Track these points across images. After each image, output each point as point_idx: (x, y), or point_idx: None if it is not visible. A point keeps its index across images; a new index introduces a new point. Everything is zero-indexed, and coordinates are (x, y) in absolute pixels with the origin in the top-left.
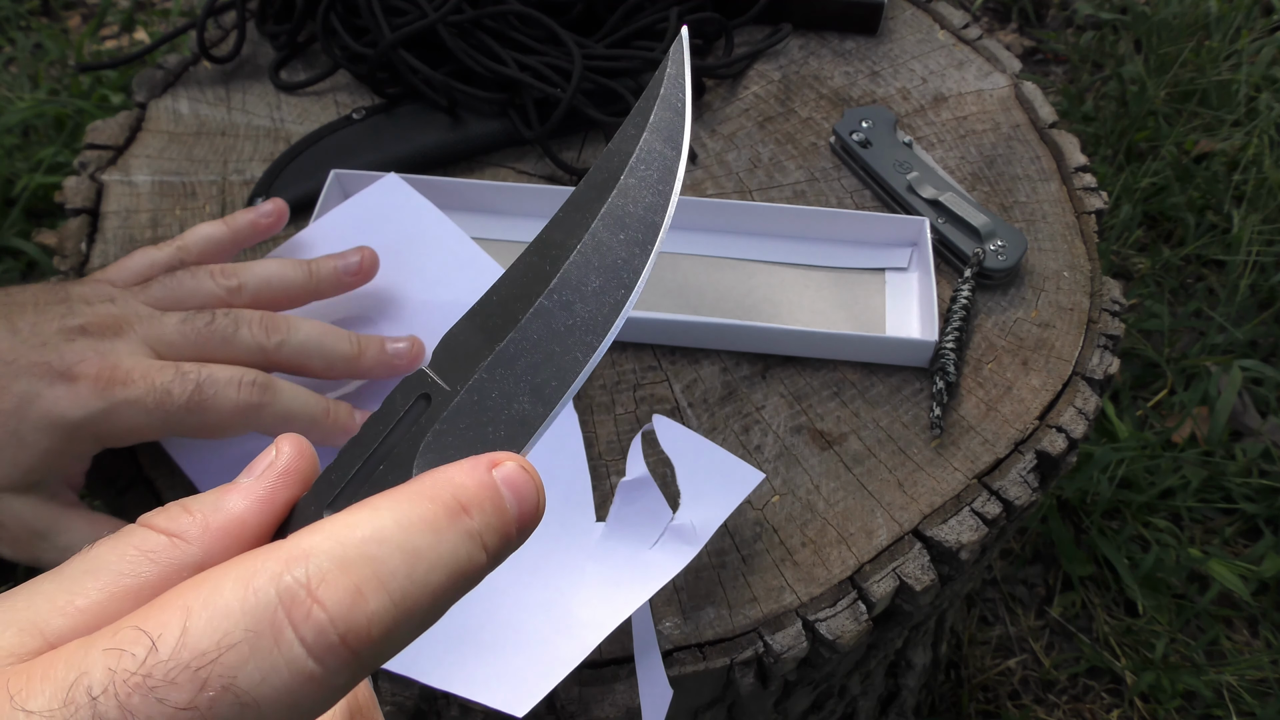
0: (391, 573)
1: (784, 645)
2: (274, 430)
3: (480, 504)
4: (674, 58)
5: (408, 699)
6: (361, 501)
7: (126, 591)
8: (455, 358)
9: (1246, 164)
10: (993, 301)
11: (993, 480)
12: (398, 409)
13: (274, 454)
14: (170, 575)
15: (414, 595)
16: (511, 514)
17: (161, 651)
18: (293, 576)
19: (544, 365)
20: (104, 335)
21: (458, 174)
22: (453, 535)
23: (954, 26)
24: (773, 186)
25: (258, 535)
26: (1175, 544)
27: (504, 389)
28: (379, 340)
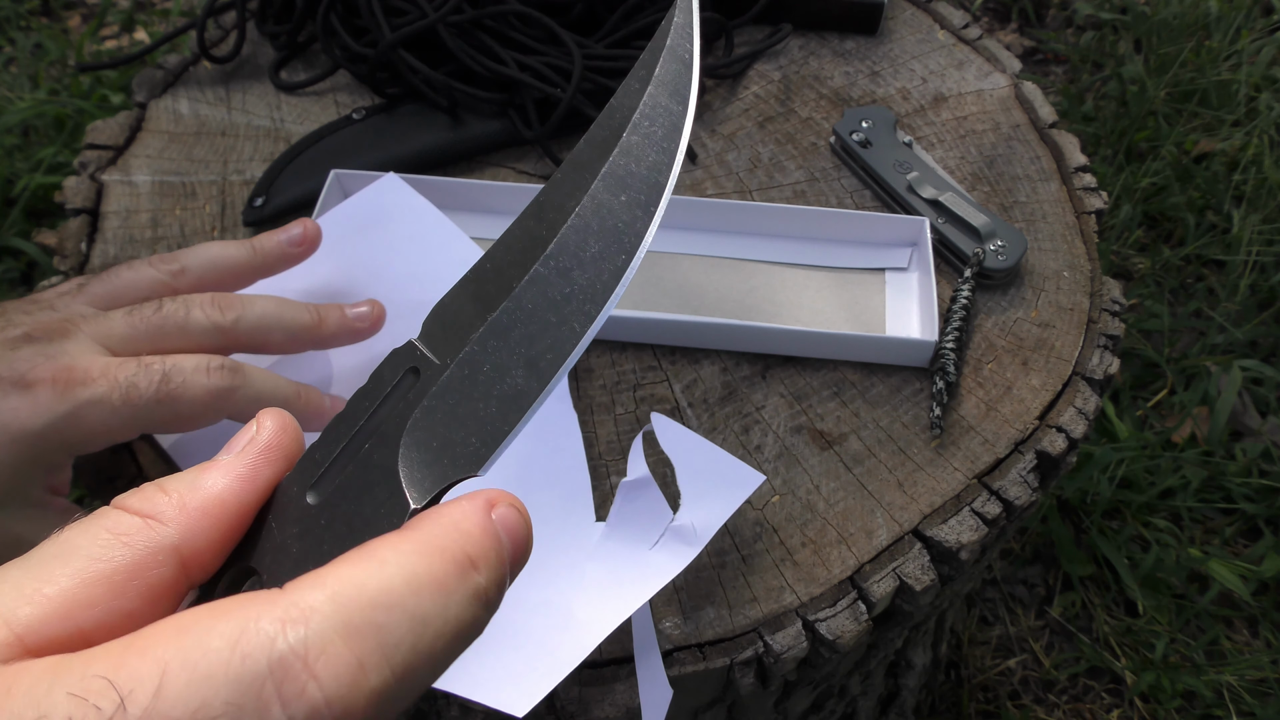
0: (397, 644)
1: (784, 645)
2: (247, 416)
3: (486, 557)
4: (681, 6)
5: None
6: (367, 548)
7: (98, 577)
8: (445, 329)
9: (1246, 164)
10: (993, 301)
11: (993, 480)
12: (385, 383)
13: (255, 429)
14: (145, 559)
15: (417, 666)
16: (508, 562)
17: (130, 713)
18: (288, 643)
19: (539, 337)
20: (51, 339)
21: (458, 174)
22: (461, 596)
23: (954, 26)
24: (773, 186)
25: (238, 515)
26: (1175, 544)
27: (496, 362)
28: (338, 307)
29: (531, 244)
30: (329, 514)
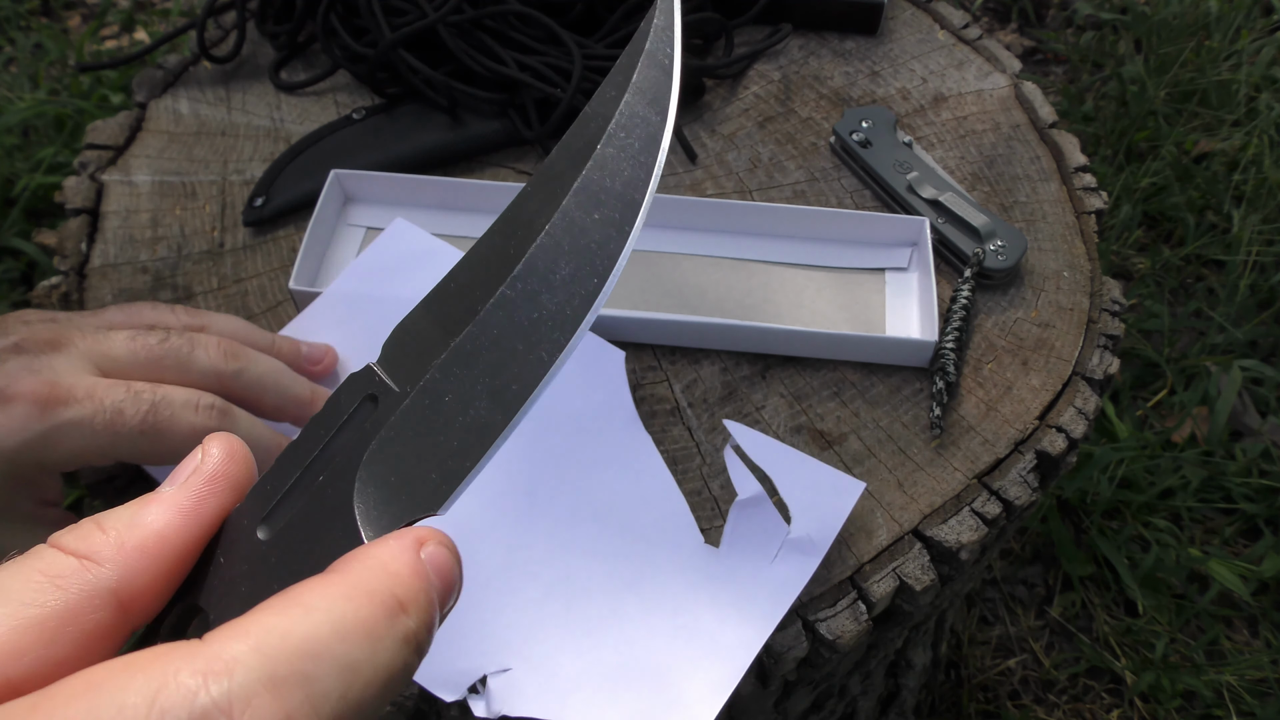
0: (325, 694)
1: (784, 645)
2: None
3: (416, 599)
4: (662, 7)
5: (407, 699)
6: (291, 593)
7: (29, 623)
8: (406, 354)
9: (1246, 164)
10: (993, 301)
11: (993, 480)
12: (342, 410)
13: (200, 456)
14: (80, 604)
15: (346, 716)
16: (437, 603)
17: None
18: (211, 697)
19: (505, 365)
20: (40, 352)
21: (458, 174)
22: (390, 642)
23: (954, 26)
24: (773, 186)
25: (181, 552)
26: (1175, 544)
27: (459, 391)
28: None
29: (499, 263)
30: (280, 550)
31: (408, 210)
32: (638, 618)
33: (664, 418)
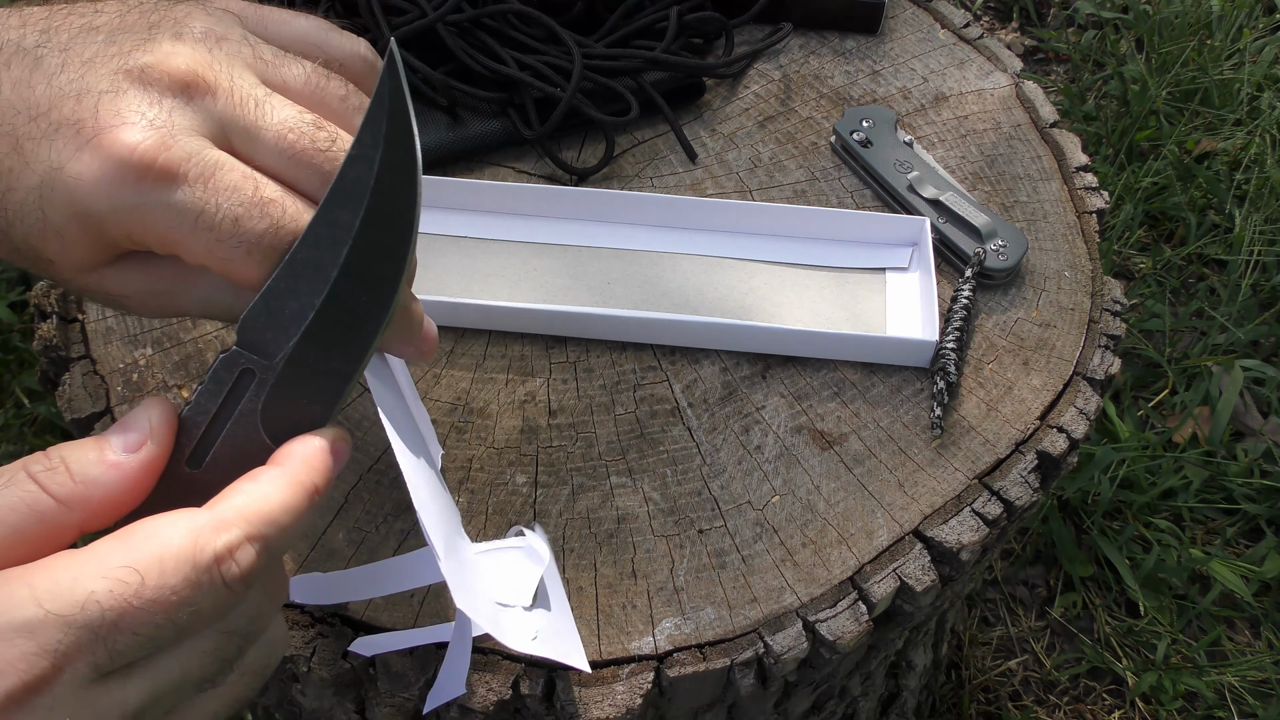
0: (277, 541)
1: (784, 646)
2: None
3: (325, 480)
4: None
5: (407, 699)
6: (253, 473)
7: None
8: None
9: (1248, 163)
10: (993, 301)
11: (993, 481)
12: (224, 383)
13: (148, 426)
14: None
15: (281, 549)
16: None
17: (147, 583)
18: (222, 541)
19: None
20: (167, 92)
21: (458, 174)
22: (308, 510)
23: (955, 26)
24: (773, 186)
25: (136, 499)
26: (1176, 544)
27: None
28: None
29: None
30: (209, 478)
31: None
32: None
33: (664, 418)
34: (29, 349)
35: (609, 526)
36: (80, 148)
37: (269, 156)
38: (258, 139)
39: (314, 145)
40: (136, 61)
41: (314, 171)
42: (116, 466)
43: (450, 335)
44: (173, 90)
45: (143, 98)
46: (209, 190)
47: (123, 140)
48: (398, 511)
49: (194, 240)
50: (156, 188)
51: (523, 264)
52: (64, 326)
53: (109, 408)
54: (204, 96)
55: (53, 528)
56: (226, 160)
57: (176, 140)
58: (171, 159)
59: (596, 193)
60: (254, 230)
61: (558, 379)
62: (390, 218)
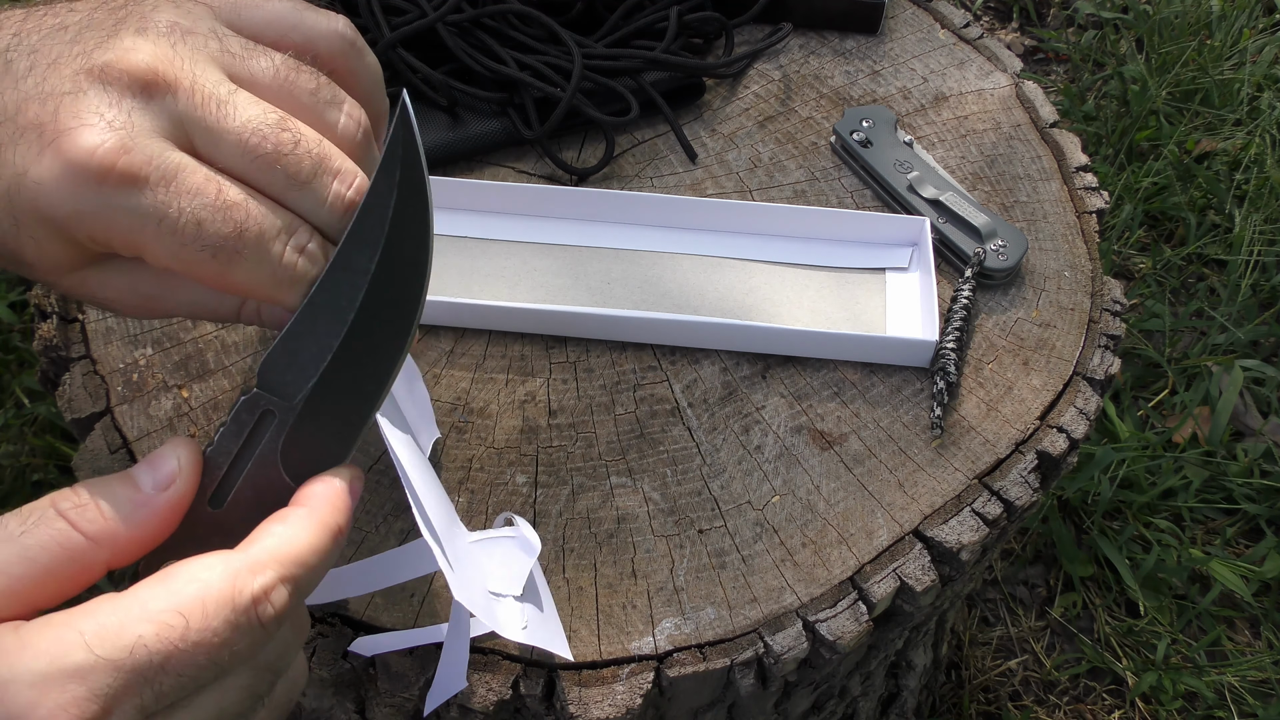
0: (305, 580)
1: (784, 646)
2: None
3: (347, 520)
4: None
5: (407, 699)
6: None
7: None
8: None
9: (1248, 163)
10: (993, 301)
11: (993, 480)
12: (245, 424)
13: (176, 465)
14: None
15: (310, 588)
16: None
17: (191, 626)
18: (258, 584)
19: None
20: (128, 92)
21: (458, 174)
22: (334, 550)
23: (955, 26)
24: (773, 186)
25: (161, 539)
26: (1176, 544)
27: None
28: None
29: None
30: (232, 518)
31: None
32: None
33: (664, 418)
34: (29, 349)
35: (609, 526)
36: (41, 151)
37: (232, 158)
38: (220, 140)
39: (277, 147)
40: (97, 60)
41: (277, 173)
42: (146, 504)
43: (450, 335)
44: (132, 90)
45: (102, 98)
46: (170, 194)
47: (81, 144)
48: (397, 511)
49: (157, 244)
50: (117, 191)
51: (523, 264)
52: (64, 326)
53: (109, 408)
54: (164, 95)
55: (82, 565)
56: (188, 163)
57: (136, 142)
58: (131, 163)
59: (596, 193)
60: (217, 234)
61: (558, 379)
62: (404, 262)
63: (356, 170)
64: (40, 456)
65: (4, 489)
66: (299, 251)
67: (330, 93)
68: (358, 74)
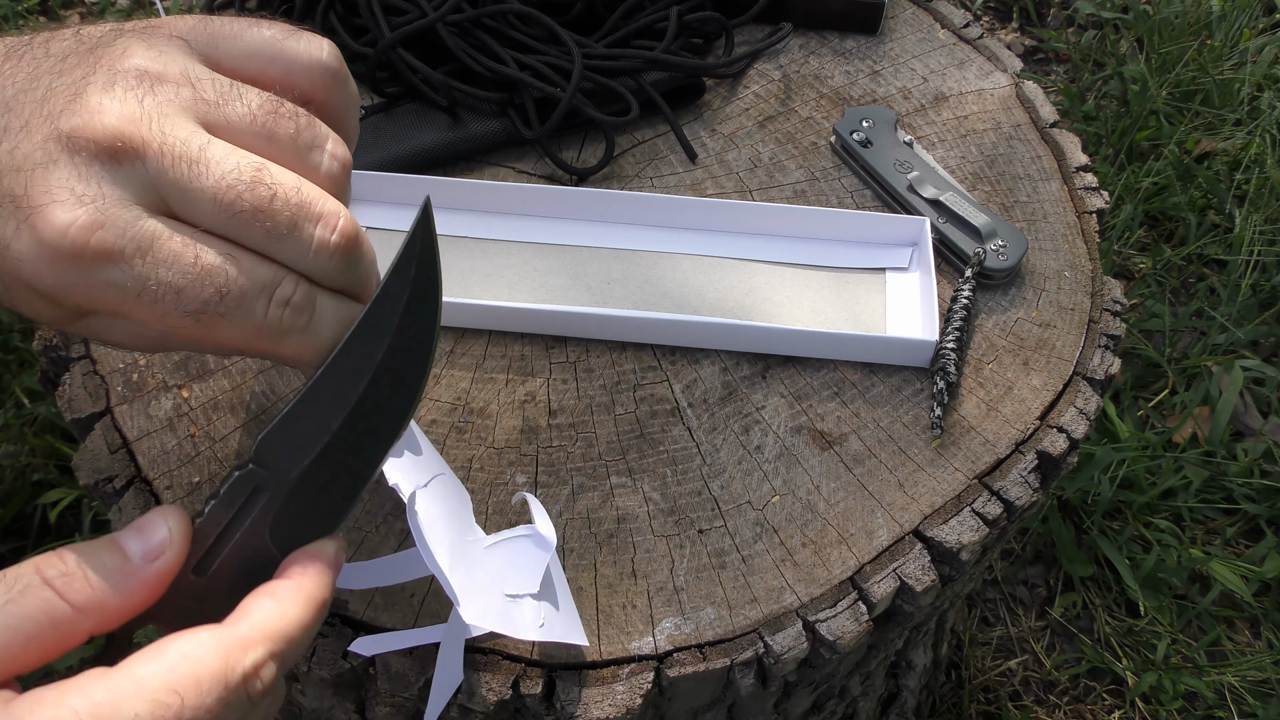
0: (291, 655)
1: (784, 646)
2: (290, 359)
3: (331, 593)
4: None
5: (407, 699)
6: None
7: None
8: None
9: (1248, 163)
10: (993, 301)
11: (993, 480)
12: (236, 499)
13: (167, 534)
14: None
15: (294, 661)
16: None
17: (186, 704)
18: (250, 660)
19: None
20: (98, 158)
21: (458, 174)
22: (318, 623)
23: (955, 26)
24: (773, 186)
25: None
26: (1176, 544)
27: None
28: None
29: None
30: (215, 586)
31: (407, 210)
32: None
33: (664, 418)
34: (29, 349)
35: (609, 526)
36: (19, 226)
37: (208, 217)
38: (194, 200)
39: (254, 204)
40: (64, 127)
41: (256, 228)
42: (134, 575)
43: (450, 335)
44: (100, 157)
45: (70, 170)
46: (148, 265)
47: (53, 222)
48: (398, 511)
49: (140, 312)
50: (94, 268)
51: (523, 264)
52: None
53: (109, 408)
54: (134, 161)
55: (66, 634)
56: (162, 231)
57: (109, 216)
58: (104, 239)
59: (596, 193)
60: (198, 299)
61: (558, 379)
62: (410, 355)
63: (339, 210)
64: (40, 456)
65: (4, 489)
66: (284, 305)
67: (310, 134)
68: (335, 104)
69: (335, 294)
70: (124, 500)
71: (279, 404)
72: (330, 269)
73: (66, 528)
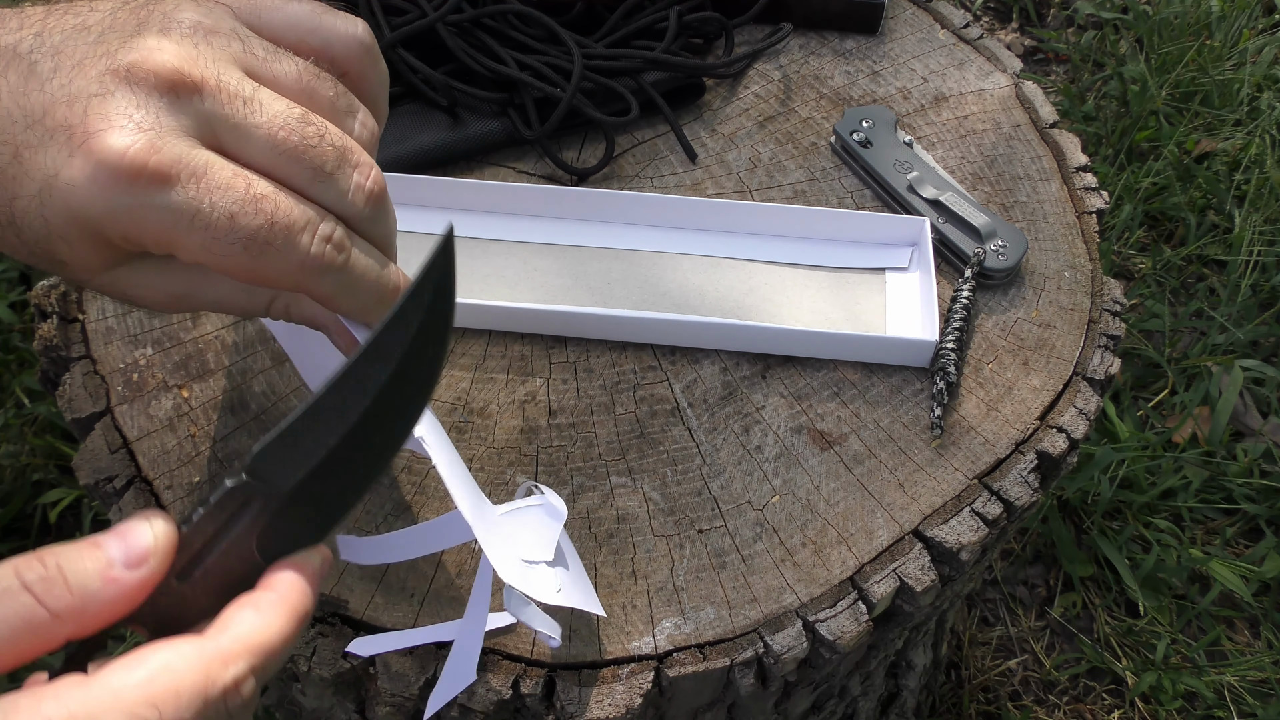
0: (271, 668)
1: (784, 646)
2: (323, 299)
3: (314, 604)
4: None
5: (407, 699)
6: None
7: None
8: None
9: (1248, 164)
10: (993, 301)
11: (993, 481)
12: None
13: (151, 538)
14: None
15: (273, 673)
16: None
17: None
18: (230, 675)
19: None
20: (154, 91)
21: (458, 174)
22: (298, 636)
23: (954, 26)
24: (773, 186)
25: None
26: (1176, 544)
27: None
28: None
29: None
30: (197, 592)
31: (407, 210)
32: None
33: (664, 418)
34: (29, 349)
35: (609, 526)
36: (72, 153)
37: (258, 153)
38: (247, 136)
39: (304, 139)
40: (123, 61)
41: (304, 166)
42: (115, 582)
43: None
44: (159, 89)
45: (129, 99)
46: (201, 190)
47: (111, 145)
48: (398, 511)
49: (190, 239)
50: (149, 190)
51: (523, 264)
52: (64, 326)
53: (109, 407)
54: (191, 95)
55: (43, 639)
56: (216, 160)
57: (165, 142)
58: (162, 161)
59: (596, 193)
60: (249, 226)
61: (558, 379)
62: (416, 380)
63: (373, 164)
64: (40, 456)
65: (4, 489)
66: (326, 241)
67: (346, 101)
68: (369, 79)
69: (366, 242)
70: (124, 500)
71: (279, 404)
72: (365, 214)
73: (67, 528)
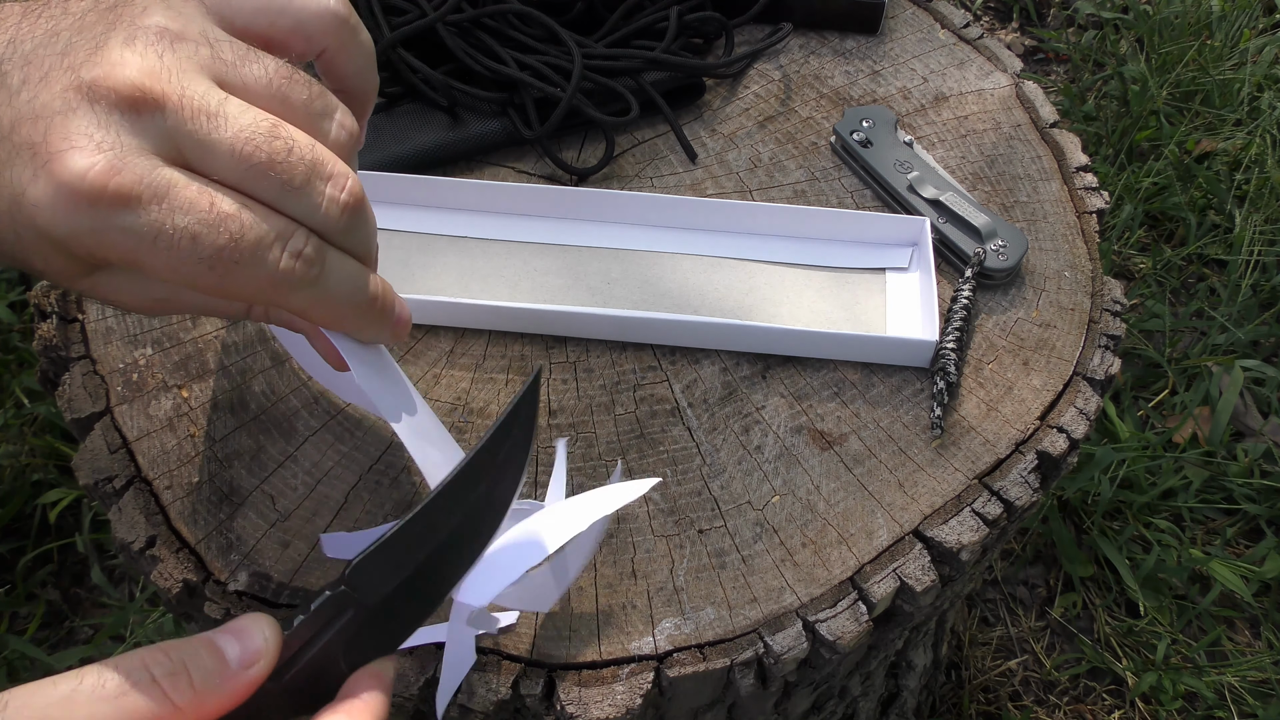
0: None
1: (784, 646)
2: (298, 312)
3: (386, 716)
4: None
5: (407, 700)
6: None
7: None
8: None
9: (1248, 163)
10: (993, 301)
11: (993, 481)
12: (325, 617)
13: (262, 641)
14: None
15: None
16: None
17: None
18: None
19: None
20: (116, 109)
21: (458, 174)
22: None
23: (955, 26)
24: (773, 186)
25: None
26: (1176, 545)
27: (407, 601)
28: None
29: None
30: (282, 694)
31: (407, 210)
32: None
33: (664, 418)
34: (29, 349)
35: (609, 526)
36: (36, 173)
37: (224, 169)
38: (212, 152)
39: (270, 155)
40: (85, 77)
41: (271, 181)
42: (231, 679)
43: (450, 335)
44: (120, 107)
45: (90, 118)
46: (164, 211)
47: (71, 166)
48: (398, 511)
49: (154, 259)
50: (110, 212)
51: (523, 264)
52: (64, 326)
53: (109, 408)
54: (154, 112)
55: None
56: (179, 178)
57: (126, 162)
58: (122, 183)
59: (596, 193)
60: (213, 245)
61: (558, 379)
62: (496, 501)
63: (348, 173)
64: (40, 456)
65: (4, 489)
66: (295, 257)
67: (323, 103)
68: (349, 51)
69: (341, 253)
70: (124, 500)
71: (279, 404)
72: (340, 226)
73: (66, 528)
